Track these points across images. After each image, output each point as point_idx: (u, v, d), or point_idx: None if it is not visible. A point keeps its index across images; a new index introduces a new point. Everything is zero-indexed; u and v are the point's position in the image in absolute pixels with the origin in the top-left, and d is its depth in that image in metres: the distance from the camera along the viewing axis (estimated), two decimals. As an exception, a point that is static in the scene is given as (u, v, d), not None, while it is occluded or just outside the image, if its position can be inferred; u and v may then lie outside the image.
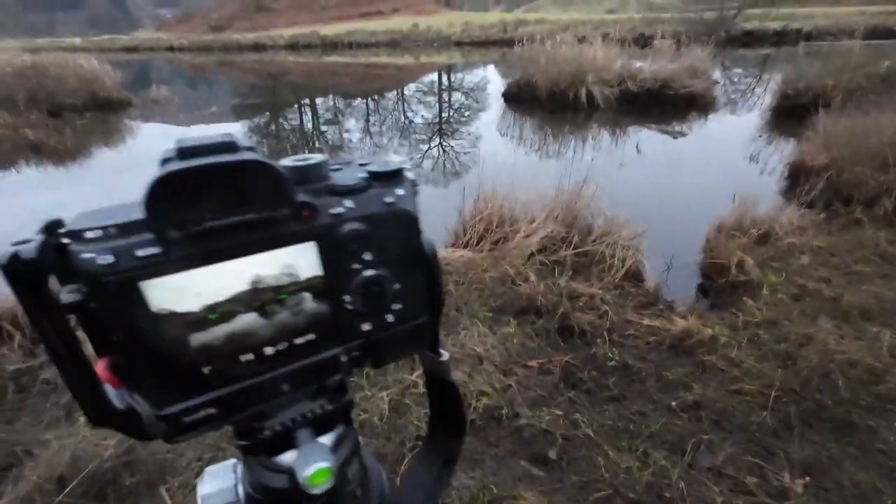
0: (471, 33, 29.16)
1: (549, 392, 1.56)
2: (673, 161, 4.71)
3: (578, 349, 1.76)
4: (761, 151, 4.86)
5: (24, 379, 1.69)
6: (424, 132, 6.80)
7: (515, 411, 1.47)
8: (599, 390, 1.57)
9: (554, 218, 2.46)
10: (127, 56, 29.03)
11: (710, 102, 7.14)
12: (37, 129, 6.07)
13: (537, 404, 1.51)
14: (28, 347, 1.83)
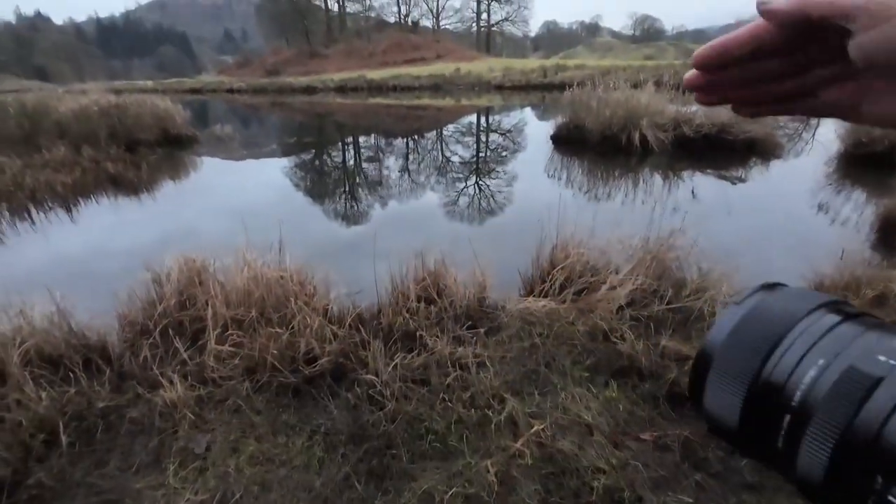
0: (511, 77, 29.97)
1: (671, 473, 1.38)
2: (741, 209, 4.49)
3: (695, 422, 1.58)
4: (834, 201, 4.57)
5: (112, 417, 1.66)
6: (465, 172, 6.84)
7: (638, 494, 1.30)
8: (730, 475, 1.38)
9: (643, 269, 2.32)
10: (192, 97, 31.49)
11: (772, 148, 6.90)
12: (115, 162, 6.51)
13: (660, 487, 1.34)
14: (116, 383, 1.82)
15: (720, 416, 0.20)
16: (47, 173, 5.68)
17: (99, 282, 3.12)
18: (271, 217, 4.94)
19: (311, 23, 56.07)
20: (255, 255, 2.32)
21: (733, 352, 0.20)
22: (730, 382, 0.19)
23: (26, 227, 4.40)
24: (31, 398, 1.56)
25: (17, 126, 7.83)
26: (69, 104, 8.51)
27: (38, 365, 1.77)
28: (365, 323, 2.11)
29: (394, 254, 2.43)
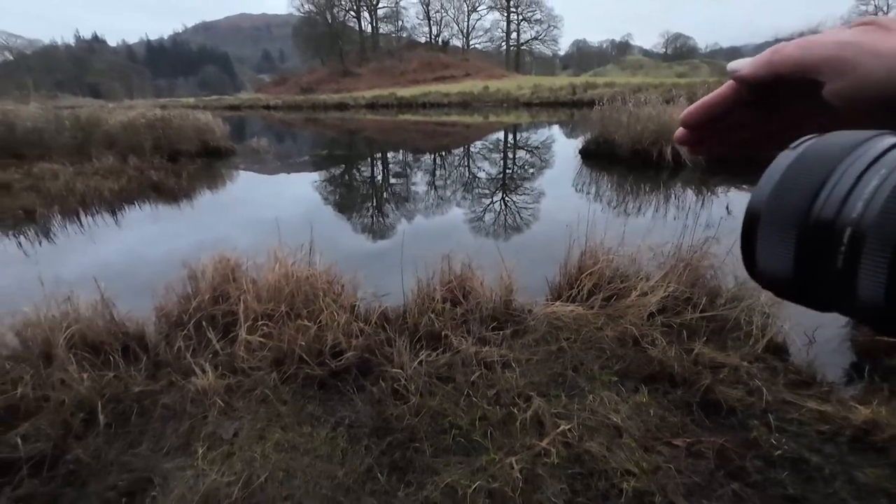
0: (540, 95, 30.12)
1: (705, 480, 1.32)
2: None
3: (730, 430, 1.50)
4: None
5: (146, 401, 1.72)
6: (492, 186, 6.85)
7: (670, 500, 1.24)
8: (770, 486, 1.30)
9: (675, 276, 2.25)
10: (230, 113, 32.98)
11: (812, 164, 6.64)
12: (158, 171, 6.84)
13: (693, 493, 1.28)
14: (151, 370, 1.88)
15: (774, 271, 0.19)
16: (96, 180, 6.03)
17: (137, 279, 3.26)
18: (302, 224, 5.09)
19: (346, 43, 58.16)
20: (286, 254, 2.38)
21: (781, 198, 0.19)
22: (779, 234, 0.18)
23: (75, 229, 4.66)
24: (74, 379, 1.64)
25: (72, 137, 8.37)
26: (118, 117, 9.05)
27: (82, 349, 1.86)
28: (390, 321, 2.12)
29: (420, 261, 2.45)
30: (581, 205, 5.21)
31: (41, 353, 1.76)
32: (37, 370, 1.69)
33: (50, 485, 1.36)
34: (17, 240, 4.25)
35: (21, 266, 3.58)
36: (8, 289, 3.08)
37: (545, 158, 9.48)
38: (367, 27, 60.07)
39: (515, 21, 59.82)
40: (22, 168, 6.55)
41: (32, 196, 5.32)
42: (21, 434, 1.47)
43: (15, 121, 8.20)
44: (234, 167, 8.58)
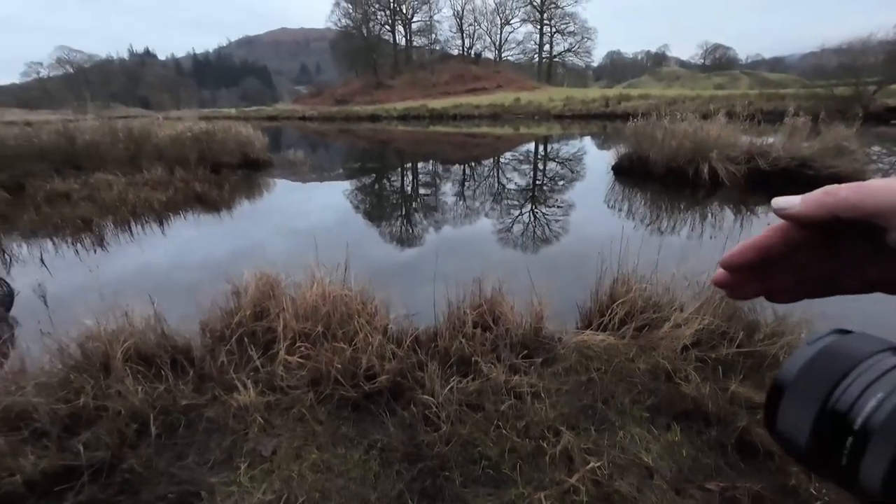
0: (572, 107, 29.91)
1: (740, 528, 1.29)
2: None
3: (767, 476, 1.47)
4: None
5: (192, 414, 1.82)
6: (522, 199, 6.84)
7: (703, 547, 1.23)
8: (810, 538, 1.27)
9: (711, 308, 2.21)
10: (269, 123, 34.29)
11: (861, 185, 6.33)
12: (202, 183, 7.20)
13: (727, 542, 1.26)
14: (197, 383, 2.00)
15: (792, 437, 0.23)
16: (146, 191, 6.40)
17: (182, 288, 3.45)
18: (335, 234, 5.27)
19: (380, 56, 59.59)
20: (322, 273, 2.48)
21: (804, 383, 0.23)
22: (800, 409, 0.23)
23: (126, 238, 4.96)
24: (129, 391, 1.76)
25: (125, 149, 8.91)
26: (167, 130, 9.59)
27: (136, 361, 1.99)
28: (422, 345, 2.17)
29: (450, 278, 2.50)
30: (613, 224, 5.15)
31: (101, 365, 1.90)
32: (96, 381, 1.82)
33: (107, 492, 1.47)
34: (75, 248, 4.57)
35: (79, 274, 3.84)
36: (69, 297, 3.32)
37: (576, 173, 9.41)
38: (402, 40, 61.43)
39: (549, 33, 59.84)
40: (80, 178, 7.03)
41: (89, 206, 5.70)
42: (83, 441, 1.59)
43: (75, 133, 8.82)
44: (273, 178, 8.93)
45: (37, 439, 1.59)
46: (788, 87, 29.19)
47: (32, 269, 3.99)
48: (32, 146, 8.04)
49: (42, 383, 1.79)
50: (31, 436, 1.60)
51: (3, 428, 1.58)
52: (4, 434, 1.55)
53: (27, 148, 7.94)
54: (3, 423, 1.62)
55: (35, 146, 8.08)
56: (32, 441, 1.58)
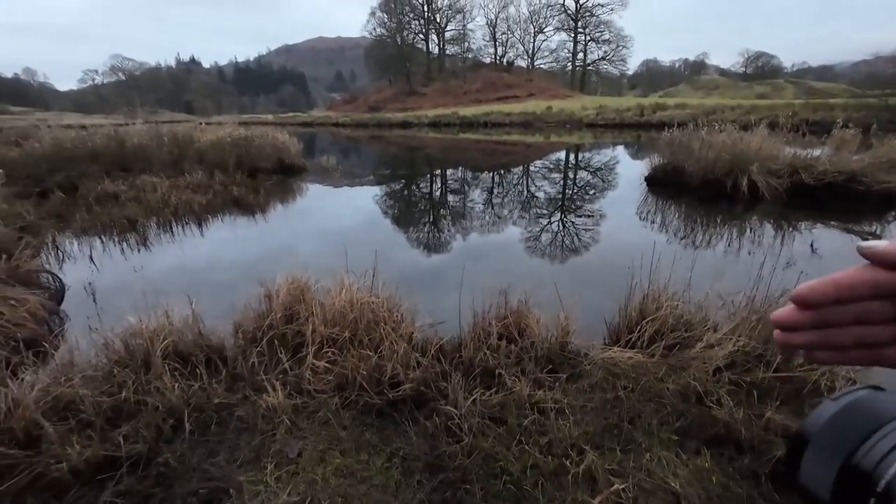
0: (605, 115, 29.45)
1: (773, 564, 1.24)
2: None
3: (805, 510, 1.40)
4: None
5: (224, 413, 1.89)
6: (551, 208, 6.76)
7: (732, 581, 1.18)
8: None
9: (746, 329, 2.13)
10: (303, 129, 35.31)
11: (917, 202, 5.96)
12: (239, 187, 7.48)
13: (759, 578, 1.20)
14: (229, 383, 2.07)
15: (813, 490, 0.23)
16: (187, 193, 6.70)
17: (217, 287, 3.59)
18: (364, 239, 5.36)
19: (413, 64, 60.46)
20: (351, 280, 2.53)
21: (830, 436, 0.23)
22: (824, 462, 0.23)
23: (168, 238, 5.20)
24: (167, 387, 1.84)
25: (169, 153, 9.36)
26: (209, 136, 10.01)
27: (173, 359, 2.09)
28: (446, 354, 2.18)
29: (476, 286, 2.50)
30: (645, 236, 5.03)
31: (142, 362, 2.00)
32: (137, 376, 1.92)
33: (143, 484, 1.54)
34: (121, 246, 4.82)
35: (124, 272, 4.05)
36: (115, 293, 3.51)
37: (608, 183, 9.25)
38: (435, 49, 62.17)
39: (583, 42, 59.26)
40: (128, 180, 7.43)
41: (135, 207, 6.01)
42: (123, 434, 1.68)
43: (125, 137, 9.33)
44: (306, 183, 9.18)
45: (82, 429, 1.69)
46: (837, 97, 27.83)
47: (82, 265, 4.24)
48: (86, 149, 8.56)
49: (88, 376, 1.90)
50: (76, 425, 1.70)
51: (53, 417, 1.69)
52: (54, 423, 1.65)
53: (81, 151, 8.46)
54: (52, 413, 1.72)
55: (88, 149, 8.59)
56: (78, 431, 1.67)
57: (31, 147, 8.30)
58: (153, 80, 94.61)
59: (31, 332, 2.61)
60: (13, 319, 2.64)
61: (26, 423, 1.63)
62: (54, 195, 6.56)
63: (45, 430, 1.59)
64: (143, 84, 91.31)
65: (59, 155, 8.19)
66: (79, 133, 9.55)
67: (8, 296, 2.85)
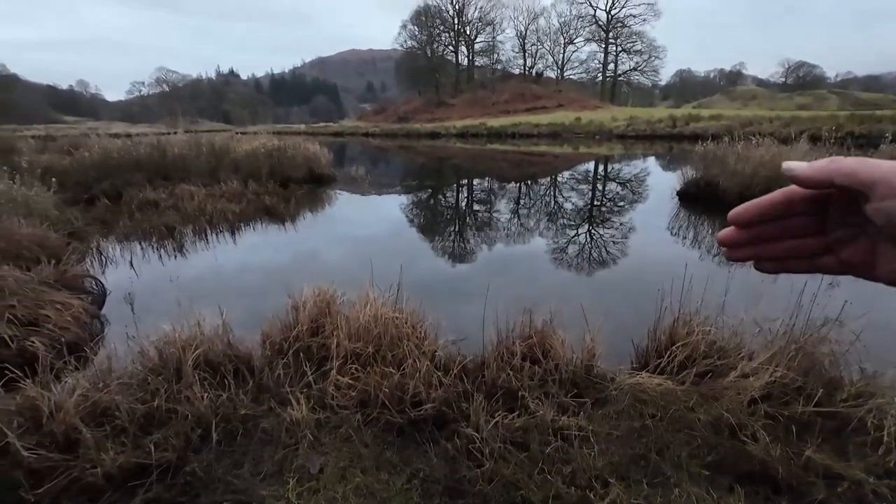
0: (636, 127, 28.94)
1: None
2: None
3: (849, 561, 1.31)
4: None
5: (249, 424, 1.93)
6: (578, 222, 6.65)
7: None
8: None
9: (784, 359, 2.03)
10: (334, 138, 36.17)
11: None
12: (271, 196, 7.70)
13: None
14: (255, 394, 2.12)
15: None
16: (222, 202, 6.95)
17: (247, 294, 3.70)
18: (389, 248, 5.43)
19: (442, 75, 61.21)
20: (376, 295, 2.56)
21: None
22: None
23: (202, 245, 5.39)
24: (196, 397, 1.90)
25: (207, 162, 9.75)
26: (244, 146, 10.38)
27: (203, 368, 2.15)
28: (469, 373, 2.17)
29: (500, 301, 2.48)
30: (676, 254, 4.89)
31: (174, 370, 2.07)
32: (169, 385, 1.99)
33: (171, 492, 1.59)
34: (159, 253, 5.03)
35: (161, 278, 4.21)
36: (151, 299, 3.66)
37: (638, 196, 9.06)
38: (464, 60, 62.78)
39: (614, 52, 58.62)
40: (168, 188, 7.76)
41: (173, 214, 6.27)
42: (154, 441, 1.73)
43: (167, 147, 9.78)
44: (335, 193, 9.38)
45: (116, 435, 1.76)
46: (885, 109, 26.46)
47: (123, 270, 4.44)
48: (131, 158, 9.02)
49: (124, 383, 1.98)
50: (111, 431, 1.76)
51: (91, 423, 1.76)
52: (91, 428, 1.72)
53: (127, 160, 8.92)
54: (90, 418, 1.80)
55: (133, 158, 9.05)
56: (112, 437, 1.74)
57: (82, 156, 8.80)
58: (194, 90, 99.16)
59: (74, 336, 2.74)
60: (59, 323, 2.78)
61: (66, 428, 1.71)
62: (100, 202, 6.93)
63: (83, 436, 1.66)
64: (185, 95, 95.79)
65: (106, 164, 8.65)
66: (125, 143, 10.08)
67: (55, 300, 3.02)
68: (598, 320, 2.38)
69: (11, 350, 2.49)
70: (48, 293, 3.07)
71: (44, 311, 2.84)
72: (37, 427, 1.74)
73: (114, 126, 52.22)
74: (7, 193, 4.93)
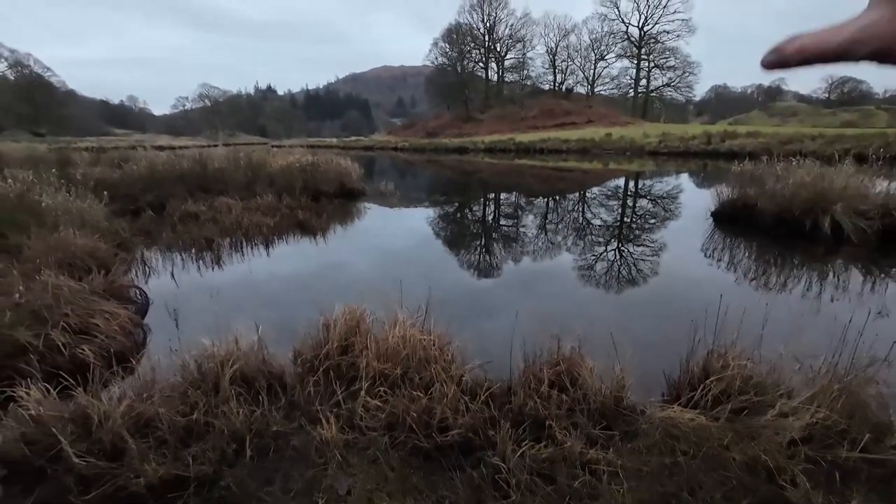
0: (669, 143, 28.39)
1: None
2: None
3: None
4: None
5: (281, 441, 1.99)
6: (605, 241, 6.54)
7: None
8: None
9: (827, 399, 1.94)
10: (364, 152, 37.04)
11: None
12: (304, 210, 7.95)
13: None
14: (287, 410, 2.18)
15: None
16: (258, 216, 7.21)
17: (279, 308, 3.81)
18: (416, 264, 5.50)
19: (471, 91, 61.93)
20: (405, 316, 2.60)
21: None
22: None
23: (238, 257, 5.60)
24: (233, 412, 1.97)
25: (244, 176, 10.16)
26: (279, 161, 10.77)
27: (239, 383, 2.23)
28: (495, 399, 2.17)
29: (527, 318, 2.48)
30: (710, 278, 4.75)
31: (213, 385, 2.16)
32: (208, 398, 2.08)
33: (207, 505, 1.65)
34: (198, 264, 5.26)
35: (199, 289, 4.40)
36: (190, 309, 3.82)
37: (669, 215, 8.86)
38: (494, 76, 63.39)
39: (646, 68, 57.98)
40: (207, 201, 8.12)
41: (212, 227, 6.55)
42: (192, 454, 1.81)
43: (207, 161, 10.26)
44: (365, 206, 9.59)
45: (157, 446, 1.85)
46: (940, 126, 25.04)
47: (164, 280, 4.66)
48: (175, 171, 9.50)
49: (167, 395, 2.08)
50: (154, 443, 1.85)
51: (136, 433, 1.86)
52: (135, 438, 1.82)
53: (171, 173, 9.40)
54: (135, 428, 1.90)
55: (177, 171, 9.53)
56: (155, 447, 1.83)
57: (130, 169, 9.33)
58: (234, 105, 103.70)
59: (120, 345, 2.90)
60: (107, 332, 2.95)
61: (113, 437, 1.81)
62: (145, 213, 7.32)
63: (128, 445, 1.76)
64: (225, 109, 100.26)
65: (152, 177, 9.14)
66: (169, 156, 10.64)
67: (104, 309, 3.20)
68: (627, 347, 2.35)
69: (65, 357, 2.65)
70: (98, 302, 3.27)
71: (93, 320, 3.01)
72: (86, 434, 1.85)
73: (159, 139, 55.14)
74: (65, 206, 5.28)
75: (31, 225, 4.66)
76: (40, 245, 4.22)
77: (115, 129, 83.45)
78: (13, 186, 5.32)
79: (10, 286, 3.07)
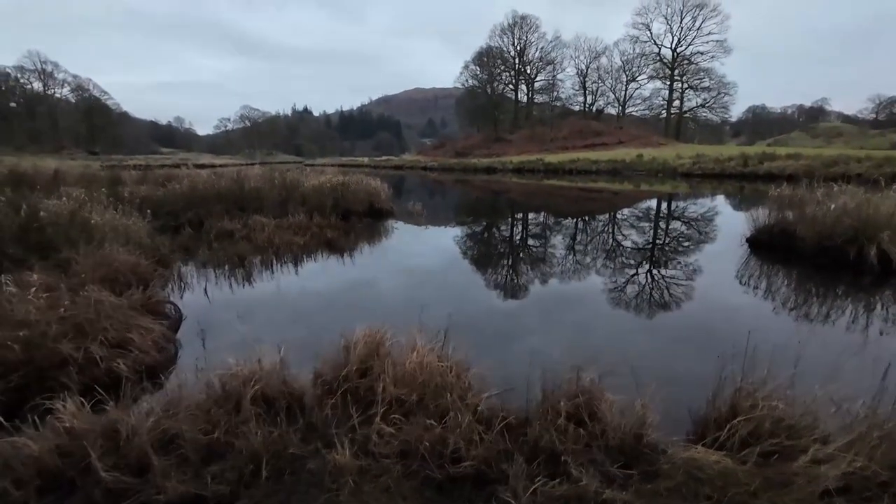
0: (703, 165, 27.69)
1: None
2: None
3: None
4: None
5: (297, 463, 2.02)
6: (634, 266, 6.37)
7: None
8: None
9: (865, 447, 1.82)
10: (394, 172, 37.81)
11: None
12: (333, 229, 8.16)
13: None
14: (304, 433, 2.21)
15: None
16: (289, 234, 7.45)
17: (303, 324, 3.90)
18: (438, 283, 5.52)
19: (501, 112, 62.60)
20: (423, 342, 2.62)
21: None
22: None
23: (268, 275, 5.78)
24: (252, 433, 2.03)
25: (278, 195, 10.54)
26: (312, 181, 11.14)
27: (259, 404, 2.29)
28: (511, 430, 2.14)
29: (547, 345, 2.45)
30: (742, 309, 4.56)
31: (235, 404, 2.23)
32: (229, 417, 2.14)
33: (222, 526, 1.69)
34: (230, 281, 5.46)
35: (230, 305, 4.56)
36: (220, 324, 3.96)
37: (703, 239, 8.59)
38: (523, 98, 63.95)
39: (679, 89, 57.17)
40: (242, 219, 8.46)
41: (245, 245, 6.81)
42: (212, 473, 1.86)
43: (244, 180, 10.72)
44: (393, 227, 9.76)
45: (179, 464, 1.91)
46: None
47: (198, 296, 4.86)
48: (213, 190, 9.96)
49: (191, 413, 2.16)
50: (176, 460, 1.92)
51: (160, 450, 1.93)
52: (159, 455, 1.89)
53: (210, 191, 9.86)
54: (159, 444, 1.97)
55: (216, 190, 9.99)
56: (176, 465, 1.89)
57: (173, 188, 9.86)
58: (272, 126, 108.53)
59: (152, 360, 3.03)
60: (142, 347, 3.09)
61: (138, 452, 1.88)
62: (185, 230, 7.68)
63: (152, 462, 1.83)
64: (264, 130, 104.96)
65: (193, 195, 9.61)
66: (209, 175, 11.18)
67: (140, 324, 3.36)
68: (651, 381, 2.28)
69: (101, 369, 2.79)
70: (135, 317, 3.44)
71: (130, 335, 3.17)
72: (115, 449, 1.94)
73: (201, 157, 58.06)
74: (112, 223, 5.62)
75: (81, 241, 4.98)
76: (88, 260, 4.50)
77: (162, 147, 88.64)
78: (67, 204, 5.72)
79: (58, 300, 3.28)
